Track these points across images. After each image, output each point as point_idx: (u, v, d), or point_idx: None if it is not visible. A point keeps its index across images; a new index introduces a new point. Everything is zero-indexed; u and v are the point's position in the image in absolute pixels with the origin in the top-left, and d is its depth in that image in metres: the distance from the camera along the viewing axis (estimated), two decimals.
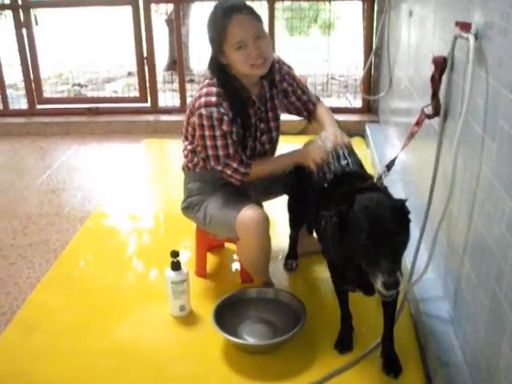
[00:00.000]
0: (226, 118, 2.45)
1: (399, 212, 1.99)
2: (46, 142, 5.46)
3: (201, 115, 2.46)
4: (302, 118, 2.92)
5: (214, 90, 2.49)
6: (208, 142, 2.49)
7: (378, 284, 1.88)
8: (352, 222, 1.97)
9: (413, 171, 3.33)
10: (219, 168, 2.54)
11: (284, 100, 2.78)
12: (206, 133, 2.47)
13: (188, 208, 2.78)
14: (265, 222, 2.51)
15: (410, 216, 2.04)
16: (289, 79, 2.74)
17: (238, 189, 2.64)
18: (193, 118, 2.55)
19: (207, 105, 2.45)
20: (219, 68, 2.50)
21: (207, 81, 2.55)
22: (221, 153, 2.50)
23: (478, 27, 2.02)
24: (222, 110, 2.45)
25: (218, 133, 2.46)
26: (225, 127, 2.45)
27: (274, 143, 2.79)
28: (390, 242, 1.91)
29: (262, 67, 2.48)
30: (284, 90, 2.74)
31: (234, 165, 2.52)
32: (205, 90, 2.50)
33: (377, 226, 1.91)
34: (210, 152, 2.51)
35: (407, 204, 2.04)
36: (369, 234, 1.90)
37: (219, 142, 2.48)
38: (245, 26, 2.39)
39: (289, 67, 2.77)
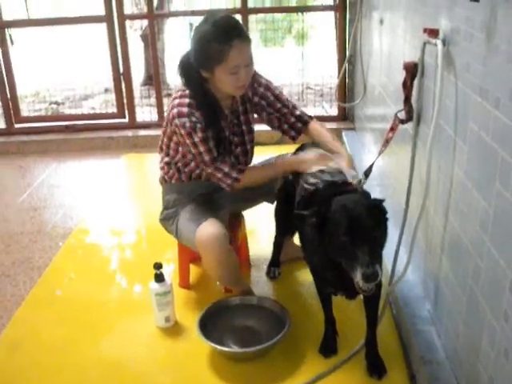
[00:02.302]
0: (198, 125, 2.47)
1: (376, 209, 2.06)
2: (26, 160, 5.45)
3: (176, 125, 2.49)
4: (286, 136, 2.82)
5: (186, 100, 2.51)
6: (193, 150, 2.52)
7: (358, 277, 1.92)
8: (330, 220, 2.02)
9: (390, 175, 3.39)
10: (210, 171, 2.57)
11: (263, 114, 2.77)
12: (187, 141, 2.50)
13: (164, 220, 2.82)
14: (221, 238, 2.52)
15: (389, 217, 2.09)
16: (264, 93, 2.71)
17: (212, 200, 2.67)
18: (168, 129, 2.60)
19: (179, 115, 2.48)
20: (195, 80, 2.51)
21: (180, 92, 2.57)
22: (206, 158, 2.52)
23: (445, 33, 2.08)
24: (194, 119, 2.47)
25: (196, 139, 2.48)
26: (200, 134, 2.48)
27: (248, 155, 2.82)
28: (367, 236, 1.95)
29: (243, 89, 2.54)
30: (257, 104, 2.74)
31: (226, 169, 2.55)
32: (177, 102, 2.53)
33: (354, 221, 1.97)
34: (199, 158, 2.54)
35: (385, 205, 2.09)
36: (346, 229, 1.96)
37: (201, 148, 2.50)
38: (243, 52, 2.40)
39: (267, 81, 2.75)
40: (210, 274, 2.75)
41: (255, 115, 2.79)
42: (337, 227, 1.99)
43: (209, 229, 2.53)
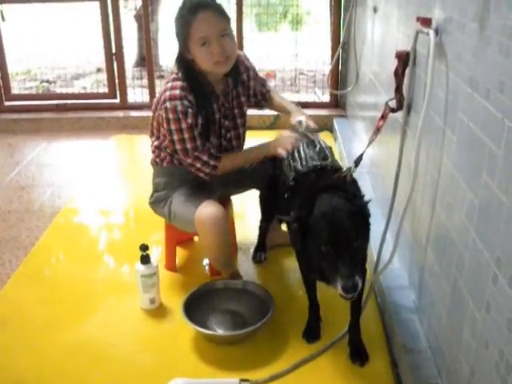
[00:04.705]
0: (190, 110, 2.46)
1: (358, 217, 2.04)
2: (15, 138, 5.42)
3: (166, 109, 2.47)
4: (257, 108, 2.99)
5: (179, 83, 2.50)
6: (175, 137, 2.50)
7: (338, 288, 1.93)
8: (311, 228, 2.02)
9: (379, 164, 3.39)
10: (189, 161, 2.55)
11: (252, 98, 2.84)
12: (173, 126, 2.48)
13: (155, 203, 2.82)
14: (222, 218, 2.54)
15: (379, 208, 2.09)
16: (253, 75, 2.80)
17: (204, 183, 2.67)
18: (158, 113, 2.58)
19: (171, 98, 2.47)
20: (185, 62, 2.52)
21: (173, 75, 2.57)
22: (188, 146, 2.51)
23: (438, 23, 2.07)
24: (186, 103, 2.47)
25: (183, 126, 2.47)
26: (190, 120, 2.46)
27: (241, 139, 2.82)
28: (348, 248, 1.95)
29: (225, 65, 2.51)
30: (250, 87, 2.80)
31: (204, 157, 2.54)
32: (170, 85, 2.52)
33: (335, 233, 1.96)
34: (178, 146, 2.52)
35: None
36: (327, 241, 1.95)
37: (186, 135, 2.48)
38: (209, 23, 2.40)
39: (251, 63, 2.82)
40: (206, 254, 2.77)
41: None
42: (318, 237, 1.99)
43: (209, 209, 2.53)
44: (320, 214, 2.01)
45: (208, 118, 2.57)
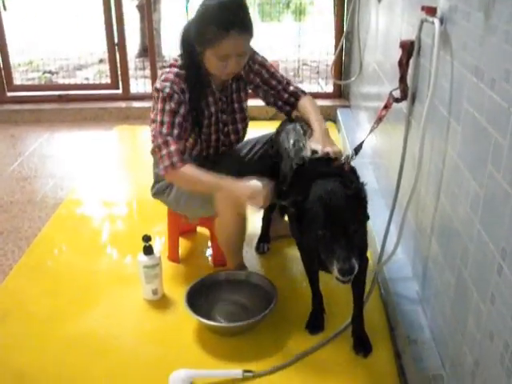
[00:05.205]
0: (176, 96, 2.43)
1: (354, 200, 2.04)
2: (17, 129, 5.41)
3: (156, 89, 2.46)
4: (281, 112, 2.82)
5: (175, 70, 2.49)
6: (158, 117, 2.43)
7: (335, 271, 1.93)
8: (307, 212, 2.03)
9: (383, 154, 3.37)
10: (159, 141, 2.41)
11: (258, 91, 2.78)
12: (158, 105, 2.44)
13: (158, 193, 2.80)
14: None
15: (382, 199, 2.08)
16: (259, 69, 2.71)
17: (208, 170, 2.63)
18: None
19: (163, 80, 2.46)
20: (190, 52, 2.48)
21: (172, 61, 2.55)
22: (164, 130, 2.41)
23: (443, 11, 2.05)
24: (176, 88, 2.44)
25: (167, 107, 2.42)
26: (173, 104, 2.42)
27: (240, 134, 2.80)
28: (344, 231, 1.95)
29: (231, 76, 2.53)
30: (253, 82, 2.74)
31: (172, 147, 2.40)
32: (167, 70, 2.51)
33: (330, 216, 1.96)
34: (157, 127, 2.43)
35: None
36: (323, 225, 1.95)
37: (166, 118, 2.41)
38: (238, 44, 2.35)
39: (262, 58, 2.73)
40: (220, 236, 2.68)
41: (250, 92, 2.78)
42: (313, 220, 1.99)
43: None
44: (316, 197, 2.02)
45: (202, 110, 2.55)
